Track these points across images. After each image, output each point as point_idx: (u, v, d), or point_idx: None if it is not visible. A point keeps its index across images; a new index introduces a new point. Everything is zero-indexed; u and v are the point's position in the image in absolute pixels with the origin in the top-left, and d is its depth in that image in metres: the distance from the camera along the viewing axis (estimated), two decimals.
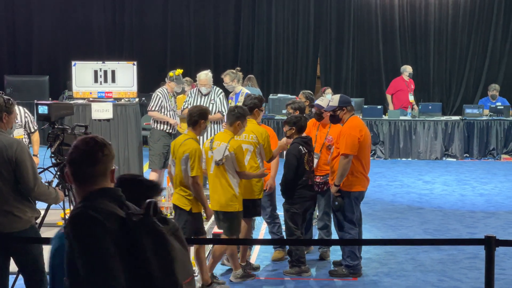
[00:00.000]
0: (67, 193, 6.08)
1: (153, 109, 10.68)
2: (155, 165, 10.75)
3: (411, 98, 16.08)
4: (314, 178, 7.91)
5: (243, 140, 7.47)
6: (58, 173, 6.04)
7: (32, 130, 8.53)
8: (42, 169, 6.16)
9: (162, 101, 10.64)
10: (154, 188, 3.54)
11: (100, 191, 3.20)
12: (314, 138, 8.13)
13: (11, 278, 5.89)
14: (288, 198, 7.75)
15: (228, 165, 7.13)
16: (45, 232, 6.60)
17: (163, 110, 10.68)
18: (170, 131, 10.83)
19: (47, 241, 6.07)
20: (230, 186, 7.17)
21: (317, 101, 8.28)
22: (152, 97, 10.78)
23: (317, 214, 8.60)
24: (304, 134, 7.87)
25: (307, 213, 7.90)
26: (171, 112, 10.77)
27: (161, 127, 10.73)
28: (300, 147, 7.67)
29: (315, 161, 7.95)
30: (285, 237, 8.15)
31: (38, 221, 5.96)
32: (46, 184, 5.74)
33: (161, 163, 10.80)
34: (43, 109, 6.16)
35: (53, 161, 6.05)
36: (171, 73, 10.85)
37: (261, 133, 7.61)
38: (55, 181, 6.16)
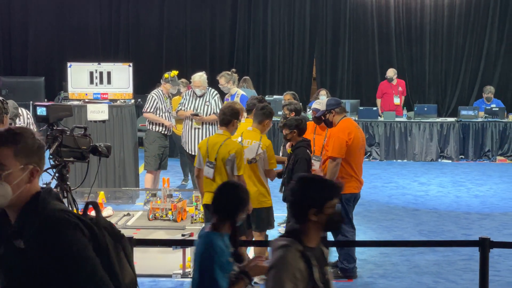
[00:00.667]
0: (65, 195, 6.05)
1: (148, 110, 10.73)
2: (151, 167, 10.77)
3: (396, 101, 16.07)
4: None
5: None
6: (57, 174, 6.02)
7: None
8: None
9: (157, 103, 10.69)
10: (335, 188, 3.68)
11: (46, 190, 2.91)
12: (312, 141, 8.10)
13: None
14: None
15: (260, 163, 7.27)
16: None
17: (158, 111, 10.72)
18: (166, 132, 10.87)
19: None
20: (262, 184, 7.33)
21: (314, 105, 8.22)
22: (148, 98, 10.83)
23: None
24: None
25: None
26: (166, 114, 10.81)
27: (157, 129, 10.76)
28: (307, 150, 7.57)
29: (317, 164, 7.86)
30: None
31: None
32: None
33: (156, 164, 10.82)
34: (41, 111, 6.14)
35: (52, 162, 6.03)
36: (166, 75, 10.88)
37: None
38: (54, 183, 6.14)
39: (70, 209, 6.24)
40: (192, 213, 8.90)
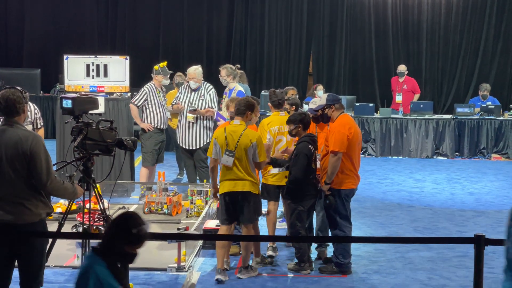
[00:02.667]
0: (86, 188, 6.06)
1: (135, 102, 10.67)
2: (148, 163, 10.75)
3: (398, 98, 16.11)
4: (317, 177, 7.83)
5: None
6: (82, 167, 6.01)
7: (39, 126, 8.54)
8: (65, 163, 6.14)
9: (147, 96, 10.64)
10: None
11: None
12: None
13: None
14: (297, 197, 7.65)
15: (249, 154, 7.47)
16: (66, 226, 6.58)
17: (150, 104, 10.66)
18: (162, 126, 10.83)
19: (53, 235, 6.10)
20: (250, 174, 7.47)
21: (309, 106, 8.16)
22: (139, 92, 10.77)
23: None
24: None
25: (312, 210, 7.87)
26: (159, 108, 10.75)
27: (152, 123, 10.72)
28: (310, 146, 7.60)
29: (318, 163, 7.86)
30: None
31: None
32: (66, 178, 5.72)
33: (153, 160, 10.81)
34: (67, 103, 6.14)
35: (76, 155, 6.02)
36: (156, 67, 10.82)
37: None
38: (78, 176, 6.13)
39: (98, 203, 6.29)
40: (187, 207, 8.92)
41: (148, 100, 10.67)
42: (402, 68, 16.24)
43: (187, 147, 10.65)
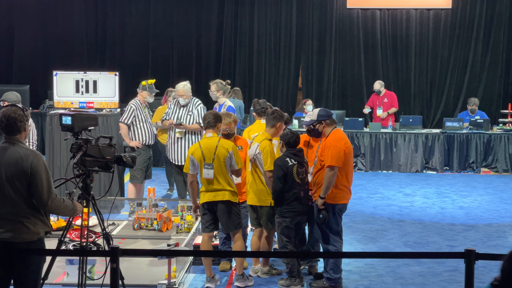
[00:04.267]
0: (84, 204, 6.05)
1: (125, 121, 10.62)
2: (137, 180, 10.72)
3: (379, 112, 16.13)
4: (309, 192, 7.83)
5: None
6: (81, 184, 6.01)
7: (32, 141, 8.51)
8: (64, 180, 6.13)
9: (135, 113, 10.60)
10: None
11: None
12: (305, 154, 8.06)
13: None
14: (281, 211, 7.68)
15: (258, 163, 7.89)
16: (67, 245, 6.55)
17: (137, 121, 10.62)
18: (149, 142, 10.80)
19: (51, 253, 6.06)
20: (263, 182, 7.95)
21: (305, 119, 8.20)
22: (126, 108, 10.72)
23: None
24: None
25: (300, 227, 7.87)
26: (145, 124, 10.70)
27: (140, 140, 10.66)
28: (287, 158, 7.64)
29: (309, 177, 7.86)
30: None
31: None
32: (66, 196, 5.71)
33: (142, 177, 10.78)
34: (66, 120, 6.15)
35: (76, 172, 6.01)
36: (143, 82, 10.78)
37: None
38: (77, 192, 6.12)
39: (96, 219, 6.27)
40: (178, 222, 8.88)
41: (136, 117, 10.63)
42: (377, 86, 16.23)
43: (177, 163, 10.66)
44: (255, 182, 7.95)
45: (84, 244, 6.07)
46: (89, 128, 6.31)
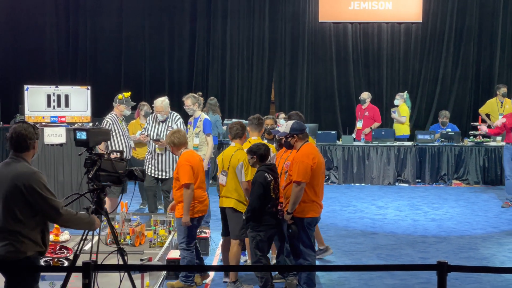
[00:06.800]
0: (102, 220, 6.02)
1: None
2: (113, 194, 10.63)
3: (359, 125, 16.21)
4: (278, 206, 7.84)
5: None
6: (95, 199, 5.98)
7: None
8: (78, 195, 6.09)
9: (111, 127, 10.54)
10: None
11: None
12: (277, 165, 8.09)
13: None
14: (255, 226, 7.68)
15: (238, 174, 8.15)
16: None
17: (114, 135, 10.57)
18: (127, 156, 10.71)
19: (16, 269, 6.01)
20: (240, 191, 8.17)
21: (278, 128, 8.25)
22: (102, 123, 10.65)
23: None
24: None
25: (272, 240, 7.88)
26: (122, 138, 10.65)
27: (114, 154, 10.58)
28: (266, 174, 7.62)
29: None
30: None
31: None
32: (83, 210, 5.67)
33: (119, 191, 10.67)
34: (81, 135, 6.13)
35: (90, 187, 5.98)
36: (120, 96, 10.73)
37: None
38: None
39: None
40: (151, 237, 8.84)
41: (112, 131, 10.57)
42: (364, 95, 16.36)
43: (156, 176, 10.57)
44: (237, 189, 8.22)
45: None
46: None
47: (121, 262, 5.98)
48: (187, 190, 7.75)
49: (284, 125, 7.94)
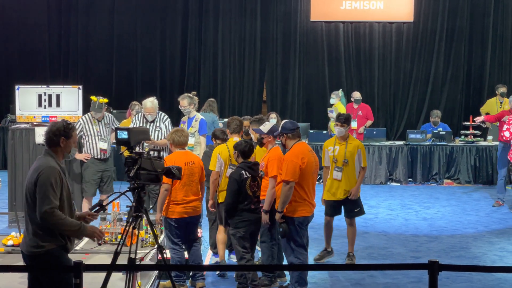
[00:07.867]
0: (136, 218, 6.05)
1: None
2: (86, 193, 10.58)
3: (354, 125, 16.20)
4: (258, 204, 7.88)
5: None
6: (136, 198, 6.00)
7: None
8: (119, 193, 6.09)
9: (82, 128, 10.42)
10: None
11: None
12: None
13: None
14: (234, 223, 7.77)
15: None
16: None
17: (87, 136, 10.41)
18: (99, 157, 10.58)
19: (8, 269, 6.03)
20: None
21: (261, 127, 8.22)
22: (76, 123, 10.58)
23: None
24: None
25: (255, 236, 7.92)
26: (95, 138, 10.52)
27: (90, 154, 10.48)
28: (242, 171, 7.77)
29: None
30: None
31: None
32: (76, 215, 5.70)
33: (93, 190, 10.61)
34: (122, 134, 6.15)
35: (130, 186, 6.00)
36: (94, 98, 10.45)
37: None
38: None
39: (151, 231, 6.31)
40: (142, 237, 8.82)
41: (84, 132, 10.45)
42: (356, 95, 16.38)
43: None
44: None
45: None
46: (142, 141, 6.42)
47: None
48: (161, 189, 7.90)
49: (266, 124, 8.00)
